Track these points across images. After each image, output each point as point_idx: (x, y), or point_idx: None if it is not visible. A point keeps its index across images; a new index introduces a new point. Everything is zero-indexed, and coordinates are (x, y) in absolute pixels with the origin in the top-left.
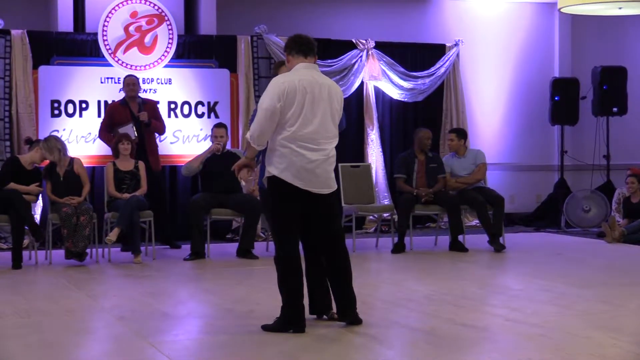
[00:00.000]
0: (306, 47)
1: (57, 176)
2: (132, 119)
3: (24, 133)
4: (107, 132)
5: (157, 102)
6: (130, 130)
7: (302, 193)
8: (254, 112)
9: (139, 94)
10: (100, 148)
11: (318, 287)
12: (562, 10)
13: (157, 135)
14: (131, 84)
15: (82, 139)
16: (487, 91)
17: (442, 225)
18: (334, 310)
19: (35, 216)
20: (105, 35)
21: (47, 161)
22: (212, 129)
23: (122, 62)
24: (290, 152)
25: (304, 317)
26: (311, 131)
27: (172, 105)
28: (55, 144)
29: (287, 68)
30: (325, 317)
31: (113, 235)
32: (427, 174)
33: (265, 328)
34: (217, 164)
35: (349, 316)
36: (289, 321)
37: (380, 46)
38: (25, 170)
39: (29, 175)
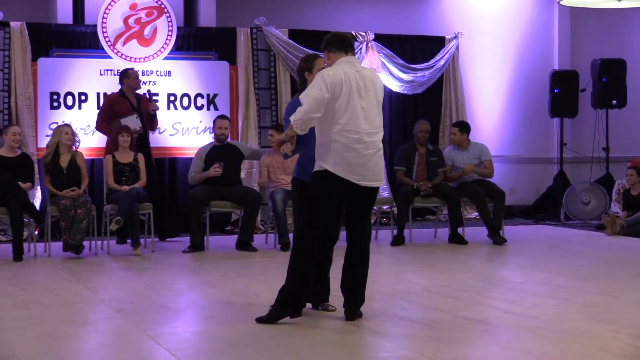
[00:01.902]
0: (346, 44)
1: (60, 168)
2: (134, 111)
3: (23, 125)
4: (107, 123)
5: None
6: (135, 121)
7: (351, 187)
8: (290, 104)
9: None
10: (99, 140)
11: (320, 278)
12: (561, 2)
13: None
14: (138, 77)
15: (82, 131)
16: (486, 84)
17: (441, 218)
18: (330, 302)
19: (32, 203)
20: (105, 27)
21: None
22: (214, 121)
23: (122, 54)
24: (343, 146)
25: (303, 304)
26: (361, 124)
27: (172, 98)
28: (73, 134)
29: (327, 65)
30: (320, 307)
31: (113, 225)
32: (428, 167)
33: (260, 320)
34: (216, 157)
35: (355, 316)
36: (289, 304)
37: (380, 38)
38: (6, 158)
39: (14, 162)
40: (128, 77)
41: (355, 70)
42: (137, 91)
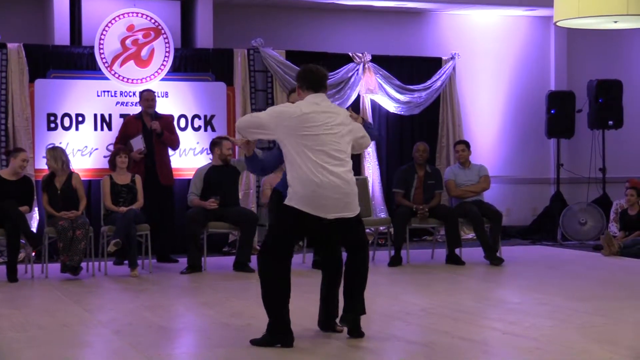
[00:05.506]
0: (316, 84)
1: (55, 188)
2: (142, 131)
3: (20, 146)
4: (122, 144)
5: (172, 117)
6: (140, 141)
7: (313, 218)
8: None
9: (155, 109)
10: (96, 161)
11: (330, 303)
12: (557, 24)
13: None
14: (150, 99)
15: (79, 152)
16: (483, 104)
17: (438, 238)
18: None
19: (31, 230)
20: (102, 49)
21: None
22: (217, 142)
23: (119, 76)
24: (300, 178)
25: (289, 330)
26: (317, 158)
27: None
28: (60, 155)
29: (299, 98)
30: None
31: (111, 247)
32: (425, 190)
33: (254, 342)
34: (214, 177)
35: (350, 321)
36: (275, 335)
37: (377, 59)
38: (8, 182)
39: (16, 186)
40: (139, 99)
41: (317, 106)
42: (164, 113)
